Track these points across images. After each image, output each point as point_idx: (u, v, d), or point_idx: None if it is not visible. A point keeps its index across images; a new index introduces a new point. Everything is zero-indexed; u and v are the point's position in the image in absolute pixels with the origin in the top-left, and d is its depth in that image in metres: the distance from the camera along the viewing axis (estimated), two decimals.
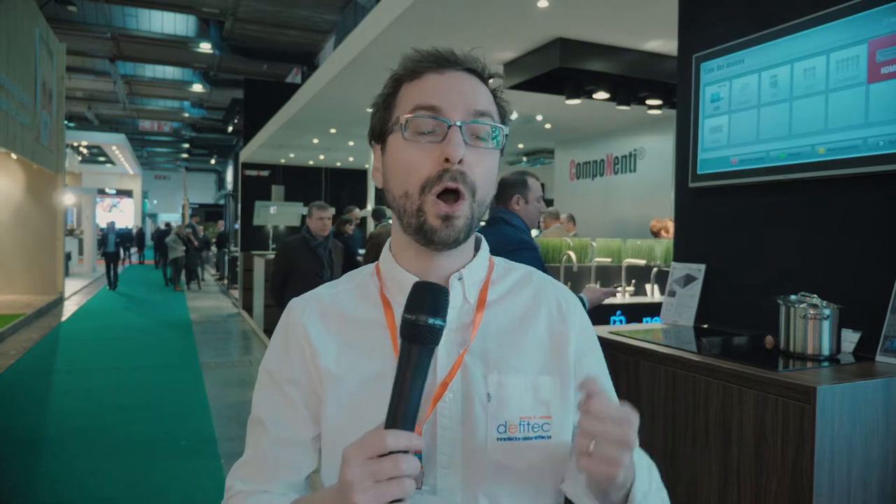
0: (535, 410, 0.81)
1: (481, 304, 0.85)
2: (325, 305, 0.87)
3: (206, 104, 24.49)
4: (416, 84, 0.81)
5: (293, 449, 0.84)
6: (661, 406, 1.93)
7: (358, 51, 5.54)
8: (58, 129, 13.10)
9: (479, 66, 0.84)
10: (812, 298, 1.83)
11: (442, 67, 0.81)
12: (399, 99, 0.82)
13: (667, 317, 2.54)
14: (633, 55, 5.11)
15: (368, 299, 0.86)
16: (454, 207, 0.77)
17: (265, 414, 0.85)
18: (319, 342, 0.84)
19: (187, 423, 4.96)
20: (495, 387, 0.80)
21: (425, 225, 0.78)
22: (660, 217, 6.90)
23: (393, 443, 0.63)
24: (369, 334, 0.83)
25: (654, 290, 4.88)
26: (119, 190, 34.89)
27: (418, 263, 0.84)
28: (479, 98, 0.80)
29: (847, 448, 1.51)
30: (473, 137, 0.79)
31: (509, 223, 2.68)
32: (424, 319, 0.67)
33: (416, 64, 0.82)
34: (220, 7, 14.71)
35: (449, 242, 0.79)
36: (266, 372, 0.88)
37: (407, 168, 0.79)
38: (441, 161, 0.77)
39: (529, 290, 0.89)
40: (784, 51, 2.11)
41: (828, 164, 1.97)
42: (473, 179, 0.78)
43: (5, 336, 8.46)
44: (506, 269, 0.92)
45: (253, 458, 0.86)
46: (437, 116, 0.78)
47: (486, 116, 0.80)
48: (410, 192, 0.79)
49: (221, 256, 17.67)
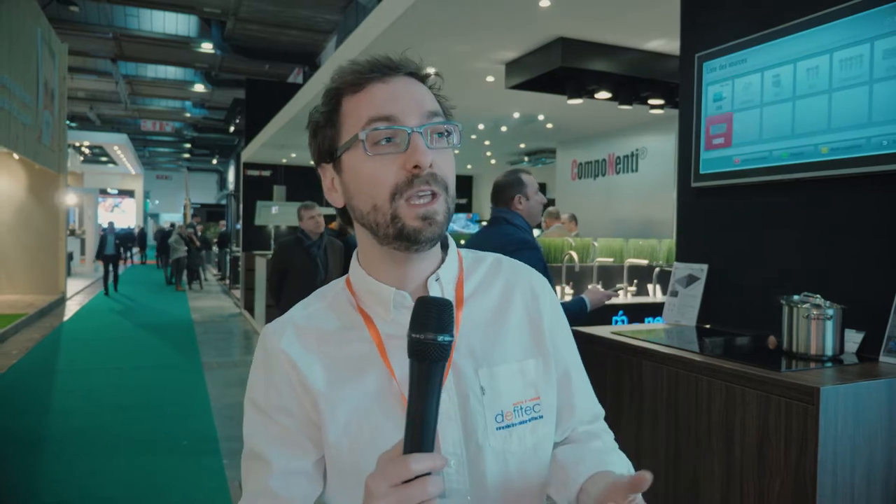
0: (525, 394, 0.84)
1: (459, 301, 0.85)
2: (301, 328, 0.85)
3: (208, 104, 24.51)
4: (360, 96, 0.80)
5: (299, 478, 0.82)
6: (663, 407, 1.92)
7: (359, 51, 5.53)
8: (60, 129, 13.11)
9: (416, 67, 0.83)
10: (815, 298, 1.82)
11: (384, 76, 0.80)
12: (343, 114, 0.81)
13: (669, 317, 2.53)
14: (635, 55, 5.10)
15: (346, 315, 0.85)
16: (432, 203, 0.77)
17: (263, 448, 0.82)
18: (304, 365, 0.81)
19: (189, 423, 4.96)
20: (487, 379, 0.82)
21: (405, 229, 0.77)
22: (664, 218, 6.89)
23: (417, 467, 0.62)
24: (355, 350, 0.82)
25: (656, 290, 4.88)
26: (121, 190, 34.94)
27: (394, 272, 0.83)
28: (426, 99, 0.80)
29: (850, 449, 1.50)
30: (434, 137, 0.79)
31: (511, 223, 2.68)
32: (433, 337, 0.66)
33: (357, 76, 0.80)
34: (222, 7, 14.71)
35: (433, 239, 0.78)
36: (252, 404, 0.85)
37: (371, 181, 0.78)
38: (408, 168, 0.76)
39: (501, 278, 0.91)
40: (787, 50, 2.10)
41: (831, 163, 1.96)
42: (444, 177, 0.78)
43: (7, 336, 8.47)
44: (474, 260, 0.92)
45: (256, 495, 0.81)
46: (393, 126, 0.77)
47: (437, 116, 0.80)
48: (379, 205, 0.78)
49: (223, 256, 17.67)
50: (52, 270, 12.56)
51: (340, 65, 0.84)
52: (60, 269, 12.81)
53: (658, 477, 1.92)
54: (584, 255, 5.04)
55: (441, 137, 0.80)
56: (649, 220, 7.80)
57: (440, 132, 0.80)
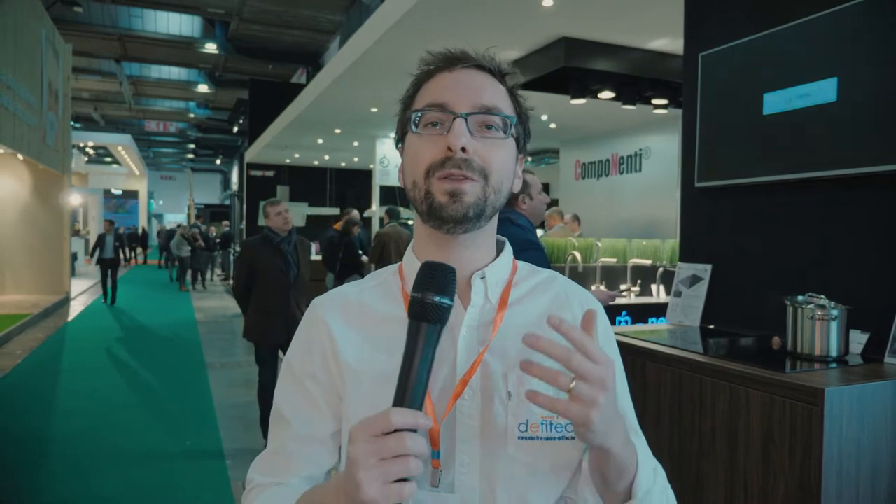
0: None
1: (503, 303, 0.85)
2: (349, 302, 0.89)
3: (212, 105, 24.57)
4: (429, 84, 0.84)
5: (312, 445, 0.86)
6: (666, 407, 1.91)
7: (362, 51, 5.53)
8: (64, 129, 13.15)
9: (490, 63, 0.85)
10: (820, 299, 1.82)
11: (451, 66, 0.84)
12: (415, 100, 0.86)
13: (673, 317, 2.52)
14: (638, 54, 5.09)
15: (391, 296, 0.88)
16: (461, 182, 0.78)
17: (286, 409, 0.87)
18: (341, 337, 0.85)
19: (192, 423, 4.96)
20: (515, 385, 0.79)
21: (433, 203, 0.79)
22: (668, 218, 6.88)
23: (398, 420, 0.62)
24: (390, 330, 0.83)
25: (659, 290, 4.86)
26: (125, 190, 35.04)
27: (440, 258, 0.83)
28: (486, 93, 0.82)
29: (855, 450, 1.49)
30: (481, 128, 0.81)
31: (514, 223, 2.68)
32: (431, 297, 0.68)
33: (429, 66, 0.85)
34: (226, 7, 14.75)
35: (458, 219, 0.79)
36: (288, 367, 0.90)
37: (415, 158, 0.82)
38: (444, 149, 0.79)
39: (552, 291, 0.90)
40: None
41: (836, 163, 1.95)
42: (483, 165, 0.79)
43: (12, 336, 8.50)
44: (530, 272, 0.92)
45: (273, 451, 0.87)
46: (443, 110, 0.80)
47: (493, 110, 0.81)
48: (417, 181, 0.81)
49: (226, 257, 17.69)
50: (56, 271, 12.60)
51: (422, 55, 0.88)
52: (65, 269, 12.84)
53: None
54: (587, 256, 5.03)
55: (490, 129, 0.81)
56: (653, 221, 7.79)
57: (489, 124, 0.81)
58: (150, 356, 7.69)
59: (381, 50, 5.34)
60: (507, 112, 0.83)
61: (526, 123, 0.88)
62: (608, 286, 4.90)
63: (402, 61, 5.65)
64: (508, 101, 0.85)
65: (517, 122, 0.85)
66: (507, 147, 0.83)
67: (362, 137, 10.10)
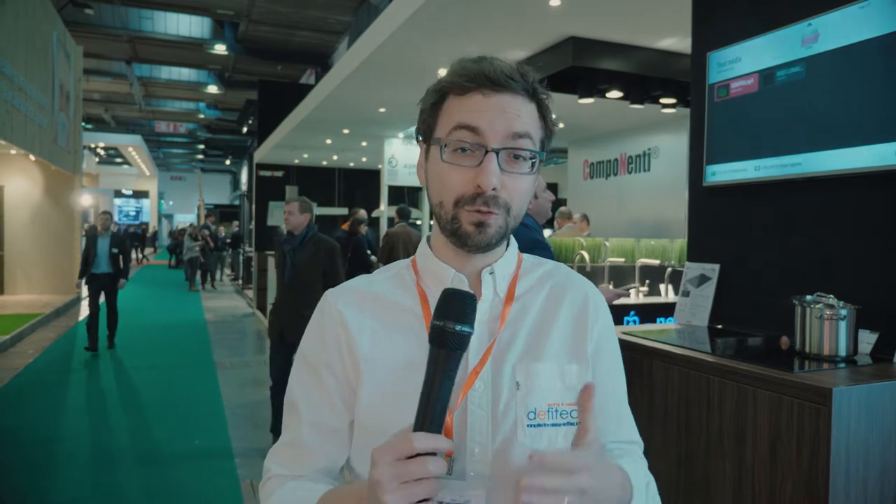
0: (562, 397, 0.84)
1: (510, 296, 0.89)
2: (362, 293, 0.91)
3: (221, 105, 24.68)
4: (461, 101, 0.83)
5: (326, 436, 0.88)
6: (674, 407, 1.91)
7: (370, 51, 5.54)
8: (75, 130, 13.26)
9: (526, 85, 0.84)
10: (828, 299, 1.81)
11: (487, 89, 0.82)
12: (444, 110, 0.85)
13: (681, 317, 2.51)
14: (646, 53, 5.07)
15: (405, 288, 0.90)
16: (487, 216, 0.81)
17: (298, 397, 0.89)
18: (355, 326, 0.87)
19: (201, 422, 4.99)
20: (524, 375, 0.83)
21: (460, 230, 0.83)
22: (677, 218, 6.85)
23: (420, 445, 0.66)
24: (404, 321, 0.87)
25: (668, 290, 4.85)
26: (136, 191, 35.27)
27: (455, 258, 0.88)
28: (520, 120, 0.82)
29: (864, 450, 1.48)
30: (511, 160, 0.82)
31: (521, 223, 2.68)
32: (452, 326, 0.70)
33: (463, 82, 0.83)
34: (235, 9, 14.81)
35: (482, 246, 0.83)
36: (301, 356, 0.92)
37: (443, 182, 0.83)
38: (474, 185, 0.80)
39: (557, 283, 0.93)
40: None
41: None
42: (508, 200, 0.82)
43: (24, 335, 8.58)
44: (534, 264, 0.96)
45: (289, 442, 0.89)
46: (475, 140, 0.81)
47: (525, 138, 0.82)
48: (445, 204, 0.84)
49: (236, 257, 17.77)
50: (67, 271, 12.70)
51: (461, 58, 0.86)
52: (76, 269, 12.93)
53: (669, 478, 1.91)
54: (595, 256, 5.02)
55: (518, 160, 0.82)
56: (662, 220, 7.75)
57: (518, 154, 0.82)
58: (160, 355, 7.74)
59: (389, 50, 5.34)
60: (535, 136, 0.84)
61: (551, 133, 0.89)
62: (616, 286, 4.88)
63: (409, 61, 5.66)
64: (538, 121, 0.86)
65: (543, 151, 0.86)
66: (530, 178, 0.85)
67: (370, 138, 10.11)
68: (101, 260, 7.45)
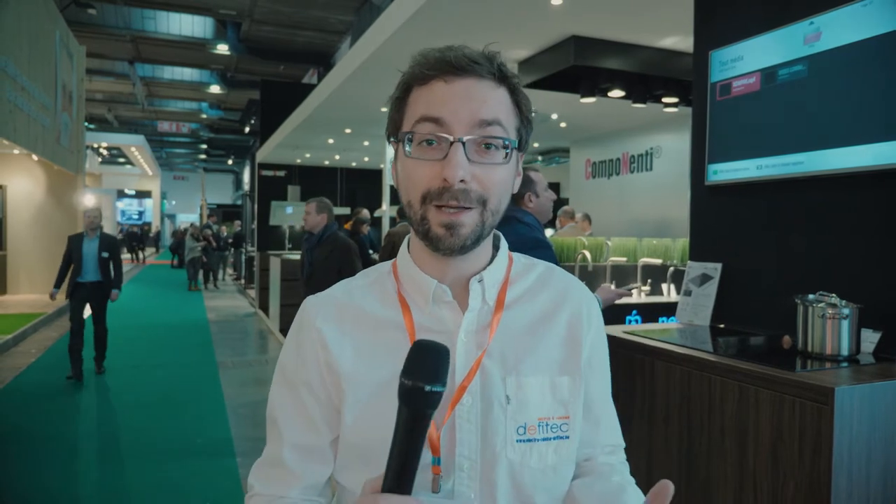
0: (553, 411, 0.81)
1: (500, 305, 0.83)
2: (341, 305, 0.85)
3: (224, 105, 24.72)
4: (423, 91, 0.78)
5: (307, 456, 0.84)
6: (676, 407, 1.90)
7: (372, 50, 5.54)
8: (78, 130, 13.27)
9: (492, 68, 0.78)
10: (831, 298, 1.80)
11: (449, 75, 0.77)
12: (408, 104, 0.80)
13: (683, 316, 2.51)
14: (648, 52, 5.06)
15: (385, 299, 0.85)
16: (458, 215, 0.76)
17: (278, 414, 0.85)
18: (335, 345, 0.82)
19: (204, 422, 4.99)
20: (514, 388, 0.79)
21: (430, 233, 0.77)
22: (679, 217, 6.84)
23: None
24: (386, 336, 0.82)
25: (670, 289, 4.84)
26: (138, 191, 35.33)
27: (436, 266, 0.83)
28: (487, 105, 0.77)
29: (866, 450, 1.48)
30: (480, 148, 0.76)
31: (521, 221, 2.67)
32: (422, 386, 0.63)
33: (424, 70, 0.78)
34: (237, 9, 14.83)
35: (455, 249, 0.78)
36: (281, 370, 0.87)
37: (410, 179, 0.78)
38: (441, 178, 0.75)
39: (551, 289, 0.88)
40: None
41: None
42: (482, 193, 0.76)
43: (27, 335, 8.59)
44: (525, 266, 0.90)
45: (271, 461, 0.86)
46: (439, 132, 0.75)
47: (494, 125, 0.76)
48: (413, 203, 0.79)
49: (238, 256, 17.79)
50: None
51: (420, 51, 0.81)
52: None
53: (670, 478, 1.90)
54: (597, 255, 5.02)
55: (489, 150, 0.77)
56: (664, 220, 7.74)
57: (489, 143, 0.76)
58: (163, 355, 7.75)
59: (391, 49, 5.34)
60: (507, 123, 0.78)
61: (528, 121, 0.83)
62: (618, 285, 4.87)
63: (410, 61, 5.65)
64: (510, 105, 0.80)
65: (517, 140, 0.80)
66: (505, 168, 0.79)
67: (372, 137, 10.12)
68: (88, 266, 6.20)
